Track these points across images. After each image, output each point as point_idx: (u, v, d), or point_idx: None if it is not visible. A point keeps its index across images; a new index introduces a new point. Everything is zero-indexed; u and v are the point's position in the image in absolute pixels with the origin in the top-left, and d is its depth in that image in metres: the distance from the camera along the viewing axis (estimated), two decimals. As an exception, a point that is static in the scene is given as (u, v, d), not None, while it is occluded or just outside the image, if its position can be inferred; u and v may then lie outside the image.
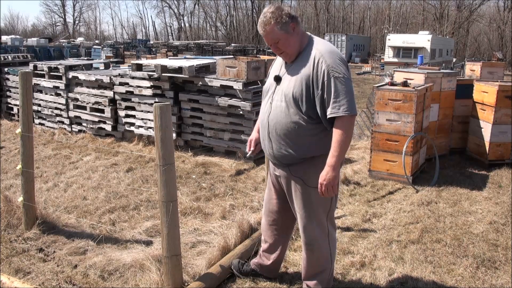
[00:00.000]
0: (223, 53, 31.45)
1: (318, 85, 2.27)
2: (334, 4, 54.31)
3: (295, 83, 2.33)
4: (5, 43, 25.97)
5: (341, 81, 2.24)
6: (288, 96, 2.35)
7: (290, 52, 2.39)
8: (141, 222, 3.84)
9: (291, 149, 2.39)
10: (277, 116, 2.40)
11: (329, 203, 2.48)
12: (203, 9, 61.37)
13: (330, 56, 2.28)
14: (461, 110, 6.19)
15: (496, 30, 43.24)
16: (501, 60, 26.56)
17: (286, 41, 2.35)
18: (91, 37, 60.52)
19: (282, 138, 2.40)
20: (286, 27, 2.33)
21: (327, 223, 2.52)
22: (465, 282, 2.96)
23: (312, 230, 2.52)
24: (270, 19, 2.32)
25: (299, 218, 2.55)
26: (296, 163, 2.42)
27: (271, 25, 2.32)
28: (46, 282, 2.88)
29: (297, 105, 2.33)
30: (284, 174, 2.51)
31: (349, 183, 4.94)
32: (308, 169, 2.41)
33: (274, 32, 2.33)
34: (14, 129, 7.28)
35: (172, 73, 6.07)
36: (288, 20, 2.33)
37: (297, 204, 2.51)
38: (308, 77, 2.29)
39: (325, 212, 2.50)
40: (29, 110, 3.42)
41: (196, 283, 2.73)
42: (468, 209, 4.28)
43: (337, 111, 2.24)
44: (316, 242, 2.53)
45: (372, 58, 34.49)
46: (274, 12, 2.33)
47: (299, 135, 2.36)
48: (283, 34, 2.33)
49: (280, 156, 2.45)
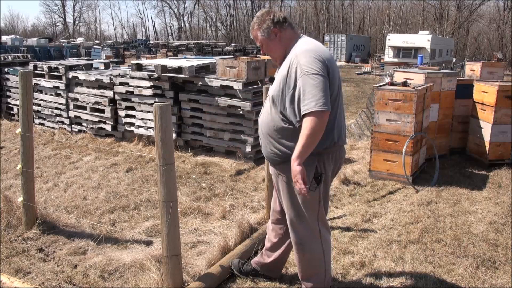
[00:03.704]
0: (223, 53, 31.41)
1: (290, 84, 2.30)
2: (334, 4, 54.31)
3: (276, 83, 2.42)
4: (5, 43, 25.95)
5: (312, 78, 2.21)
6: (270, 97, 2.44)
7: (274, 56, 2.50)
8: (141, 222, 3.85)
9: (275, 148, 2.44)
10: (264, 116, 2.50)
11: (316, 204, 2.48)
12: (203, 9, 61.38)
13: (305, 55, 2.29)
14: (461, 110, 6.19)
15: (496, 30, 43.23)
16: (501, 60, 26.54)
17: (267, 46, 2.46)
18: (91, 37, 60.49)
19: (266, 137, 2.48)
20: (267, 33, 2.43)
21: (318, 224, 2.52)
22: (465, 282, 2.96)
23: (300, 229, 2.53)
24: (254, 24, 2.47)
25: (287, 217, 2.57)
26: (281, 162, 2.44)
27: (255, 30, 2.47)
28: (46, 282, 2.89)
29: (275, 105, 2.40)
30: (274, 172, 2.57)
31: (349, 183, 4.94)
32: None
33: (257, 36, 2.47)
34: (14, 129, 7.28)
35: (172, 73, 6.07)
36: (270, 26, 2.41)
37: (285, 202, 2.54)
38: (285, 77, 2.34)
39: (314, 213, 2.49)
40: (29, 110, 3.42)
41: (196, 283, 2.73)
42: (468, 209, 4.28)
43: (307, 108, 2.20)
44: (306, 242, 2.53)
45: (372, 58, 34.47)
46: (259, 17, 2.46)
47: (280, 135, 2.40)
48: (264, 39, 2.45)
49: (266, 154, 2.53)
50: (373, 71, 24.06)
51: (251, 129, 5.67)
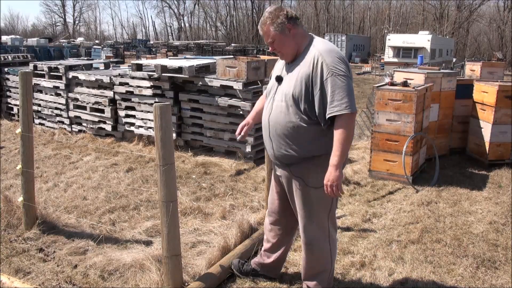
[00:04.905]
0: (223, 53, 31.40)
1: (317, 84, 2.26)
2: (334, 4, 54.32)
3: (295, 83, 2.33)
4: (5, 43, 25.92)
5: (340, 79, 2.23)
6: (288, 96, 2.35)
7: (285, 53, 2.42)
8: (141, 222, 3.84)
9: (291, 149, 2.38)
10: (277, 116, 2.40)
11: (329, 203, 2.48)
12: (203, 9, 61.38)
13: (329, 55, 2.28)
14: (461, 110, 6.19)
15: (496, 30, 43.26)
16: (501, 60, 26.54)
17: (281, 42, 2.38)
18: (91, 37, 60.49)
19: (282, 138, 2.40)
20: (281, 28, 2.35)
21: (328, 223, 2.52)
22: (465, 282, 2.96)
23: (312, 230, 2.52)
24: (266, 19, 2.37)
25: (299, 218, 2.54)
26: (296, 163, 2.42)
27: (267, 25, 2.37)
28: (46, 282, 2.89)
29: (296, 105, 2.33)
30: (285, 174, 2.51)
31: (349, 183, 4.94)
32: (308, 169, 2.41)
33: (270, 32, 2.37)
34: (14, 129, 7.28)
35: (172, 73, 6.07)
36: (284, 21, 2.35)
37: (298, 204, 2.51)
38: (308, 77, 2.29)
39: (326, 213, 2.49)
40: (29, 110, 3.42)
41: (196, 283, 2.73)
42: (468, 209, 4.28)
43: (337, 109, 2.23)
44: (316, 242, 2.53)
45: (372, 58, 34.48)
46: (271, 13, 2.37)
47: (298, 135, 2.35)
48: (278, 34, 2.36)
49: (280, 156, 2.45)
50: (373, 71, 24.08)
51: (251, 129, 5.65)
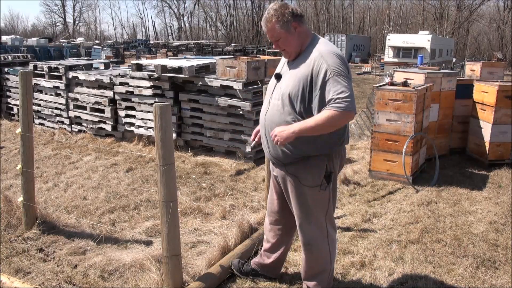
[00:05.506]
0: (223, 53, 31.40)
1: (317, 85, 2.25)
2: (334, 4, 54.33)
3: (293, 82, 2.32)
4: (5, 43, 25.94)
5: (342, 80, 2.21)
6: (285, 95, 2.34)
7: (289, 51, 2.39)
8: (141, 222, 3.84)
9: (286, 148, 2.38)
10: (273, 114, 2.40)
11: (326, 203, 2.47)
12: (203, 9, 61.38)
13: (331, 56, 2.26)
14: (461, 110, 6.19)
15: (496, 30, 43.26)
16: (501, 60, 26.55)
17: (286, 40, 2.36)
18: (91, 37, 60.49)
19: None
20: (287, 26, 2.33)
21: (326, 223, 2.51)
22: (465, 282, 2.96)
23: (309, 230, 2.52)
24: (272, 17, 2.34)
25: (296, 217, 2.55)
26: (291, 162, 2.42)
27: (272, 23, 2.34)
28: (46, 282, 2.88)
29: (291, 104, 2.32)
30: (281, 173, 2.51)
31: (349, 183, 4.94)
32: (304, 168, 2.41)
33: (275, 29, 2.34)
34: (14, 129, 7.28)
35: (172, 73, 6.07)
36: (289, 19, 2.32)
37: (294, 203, 2.51)
38: (306, 77, 2.27)
39: (323, 213, 2.49)
40: (29, 110, 3.42)
41: (196, 283, 2.73)
42: (468, 209, 4.28)
43: (337, 104, 2.16)
44: (315, 242, 2.52)
45: (372, 58, 34.49)
46: (277, 10, 2.33)
47: None
48: (283, 32, 2.34)
49: (275, 154, 2.46)
50: (373, 71, 24.08)
51: (251, 129, 5.66)
